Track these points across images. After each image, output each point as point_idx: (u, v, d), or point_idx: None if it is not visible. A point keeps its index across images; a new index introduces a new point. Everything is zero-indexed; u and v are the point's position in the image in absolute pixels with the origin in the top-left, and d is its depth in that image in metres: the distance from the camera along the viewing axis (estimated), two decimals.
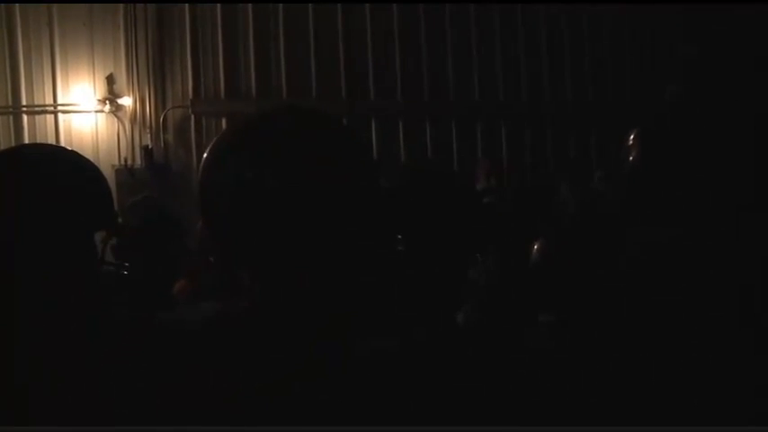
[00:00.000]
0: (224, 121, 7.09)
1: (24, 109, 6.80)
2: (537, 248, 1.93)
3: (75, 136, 6.83)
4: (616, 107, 7.69)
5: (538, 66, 7.96)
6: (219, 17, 7.16)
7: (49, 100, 6.83)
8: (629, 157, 1.78)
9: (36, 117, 6.82)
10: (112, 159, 6.82)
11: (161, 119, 7.08)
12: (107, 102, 6.89)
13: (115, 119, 6.97)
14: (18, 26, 6.75)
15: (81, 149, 5.87)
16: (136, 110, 7.01)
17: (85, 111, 6.89)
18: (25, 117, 6.81)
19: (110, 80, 6.92)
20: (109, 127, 6.98)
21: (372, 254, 1.10)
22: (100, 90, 6.92)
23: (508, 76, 7.87)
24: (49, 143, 5.92)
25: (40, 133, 6.78)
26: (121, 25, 6.95)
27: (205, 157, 1.07)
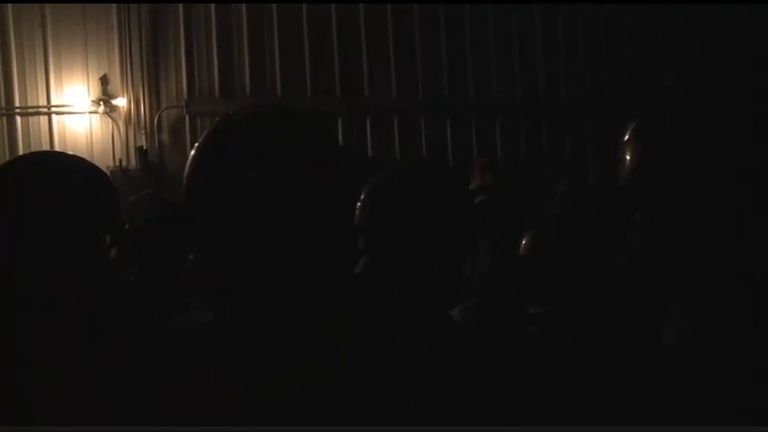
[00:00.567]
0: (222, 117, 7.06)
1: (18, 110, 6.78)
2: (527, 241, 1.94)
3: (69, 137, 6.82)
4: (611, 105, 7.70)
5: (533, 64, 7.96)
6: (213, 17, 7.15)
7: (43, 101, 6.81)
8: (628, 154, 1.77)
9: (30, 118, 6.80)
10: (107, 161, 6.79)
11: (155, 119, 7.07)
12: (101, 103, 6.87)
13: (109, 120, 6.96)
14: (11, 27, 6.73)
15: (75, 151, 5.87)
16: (130, 110, 7.00)
17: (79, 112, 6.87)
18: (19, 118, 6.79)
19: (104, 81, 6.90)
20: (103, 128, 6.96)
21: (346, 255, 1.10)
22: (94, 91, 6.90)
23: (503, 74, 7.87)
24: (57, 150, 5.89)
25: (34, 135, 6.76)
26: (115, 26, 6.93)
27: (189, 160, 1.08)
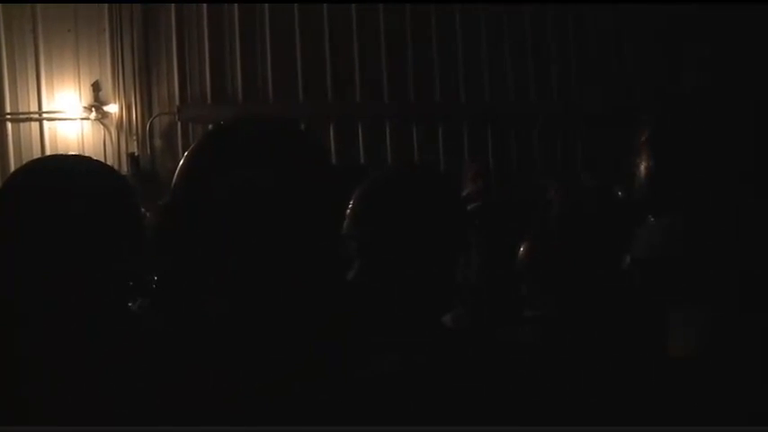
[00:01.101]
0: (210, 127, 7.06)
1: (9, 117, 6.75)
2: (524, 249, 1.94)
3: (60, 144, 6.78)
4: (604, 109, 7.73)
5: (524, 67, 7.98)
6: (205, 22, 7.14)
7: (34, 107, 6.78)
8: (643, 156, 1.77)
9: (21, 125, 6.77)
10: None
11: (147, 125, 7.05)
12: (93, 109, 6.84)
13: (101, 126, 6.94)
14: (1, 32, 6.70)
15: None
16: (122, 117, 6.97)
17: (71, 118, 6.85)
18: (9, 125, 6.75)
19: (95, 87, 6.87)
20: (95, 134, 6.93)
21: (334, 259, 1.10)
22: (85, 97, 6.87)
23: (495, 78, 7.88)
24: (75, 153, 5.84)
25: (25, 141, 6.73)
26: (107, 31, 6.91)
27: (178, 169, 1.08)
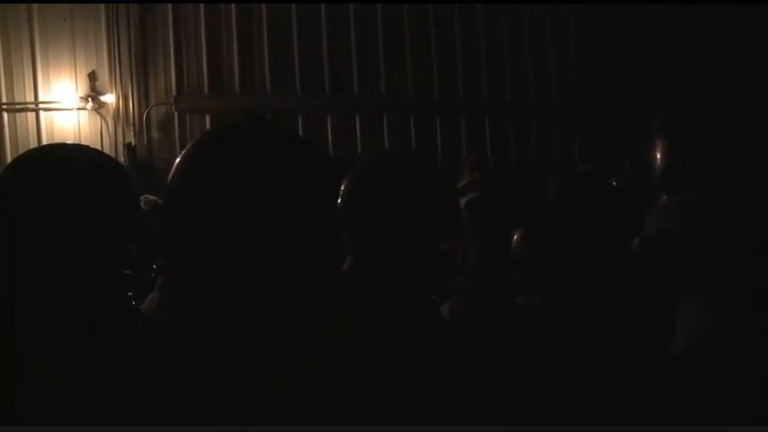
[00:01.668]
0: (207, 118, 7.06)
1: (5, 106, 6.72)
2: (517, 236, 1.94)
3: (57, 134, 6.76)
4: (600, 104, 7.75)
5: (522, 63, 7.99)
6: (203, 13, 7.12)
7: (30, 97, 6.76)
8: (659, 143, 1.77)
9: (17, 114, 6.75)
10: None
11: (144, 116, 7.04)
12: (89, 99, 6.83)
13: (98, 116, 6.92)
14: None
15: None
16: (119, 107, 6.96)
17: (67, 108, 6.83)
18: (6, 115, 6.73)
19: (92, 77, 6.85)
20: (91, 125, 6.92)
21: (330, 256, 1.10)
22: (82, 87, 6.85)
23: (492, 73, 7.88)
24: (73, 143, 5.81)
25: (22, 131, 6.71)
26: (103, 21, 6.89)
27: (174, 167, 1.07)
